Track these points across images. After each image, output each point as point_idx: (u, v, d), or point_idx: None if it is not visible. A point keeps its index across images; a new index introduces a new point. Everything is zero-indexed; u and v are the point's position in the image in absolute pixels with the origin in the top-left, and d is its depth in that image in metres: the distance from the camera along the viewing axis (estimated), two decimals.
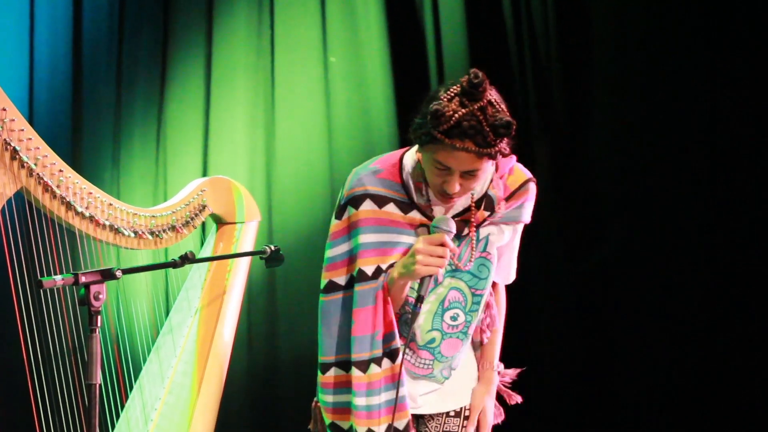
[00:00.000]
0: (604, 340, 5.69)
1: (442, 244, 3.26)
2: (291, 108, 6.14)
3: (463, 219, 3.43)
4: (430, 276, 3.28)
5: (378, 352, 3.33)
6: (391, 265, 3.37)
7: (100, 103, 6.16)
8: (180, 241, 4.50)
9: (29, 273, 3.85)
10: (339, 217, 3.44)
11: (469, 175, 3.23)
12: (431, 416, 3.56)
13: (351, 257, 3.41)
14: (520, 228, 3.58)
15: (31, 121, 5.80)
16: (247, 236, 4.74)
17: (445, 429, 3.57)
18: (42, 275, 3.81)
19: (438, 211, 3.40)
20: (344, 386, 3.40)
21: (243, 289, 4.71)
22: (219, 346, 4.50)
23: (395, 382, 3.34)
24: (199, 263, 4.68)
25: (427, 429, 3.56)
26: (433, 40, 5.99)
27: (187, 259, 3.83)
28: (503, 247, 3.54)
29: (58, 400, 4.05)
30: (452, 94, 3.18)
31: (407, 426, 3.37)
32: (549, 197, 5.66)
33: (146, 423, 4.37)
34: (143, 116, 6.17)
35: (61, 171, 3.98)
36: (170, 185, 6.04)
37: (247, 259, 4.73)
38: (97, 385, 3.31)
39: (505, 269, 3.62)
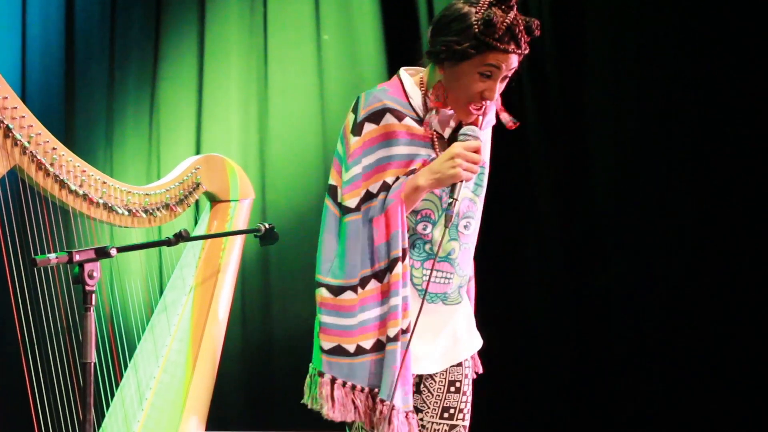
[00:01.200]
0: (601, 341, 5.71)
1: (476, 150, 3.33)
2: (284, 86, 6.13)
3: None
4: (462, 181, 3.32)
5: (396, 252, 3.35)
6: (410, 173, 3.39)
7: (93, 82, 6.15)
8: (174, 219, 4.49)
9: (23, 251, 3.84)
10: (359, 133, 3.44)
11: (507, 77, 3.35)
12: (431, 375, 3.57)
13: (379, 166, 3.41)
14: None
15: (24, 99, 5.78)
16: (241, 214, 4.74)
17: (450, 378, 3.57)
18: (36, 253, 3.81)
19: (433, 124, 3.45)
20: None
21: (237, 268, 4.71)
22: (213, 325, 4.50)
23: (386, 297, 3.35)
24: (193, 241, 4.68)
25: (431, 382, 3.56)
26: (426, 18, 5.98)
27: (181, 237, 3.83)
28: None
29: (53, 379, 4.06)
30: (486, 4, 3.30)
31: (396, 335, 3.36)
32: (547, 198, 5.70)
33: (141, 401, 4.38)
34: (136, 94, 6.16)
35: (54, 149, 3.97)
36: (163, 163, 6.03)
37: (241, 237, 4.73)
38: (92, 364, 3.31)
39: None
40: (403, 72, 3.51)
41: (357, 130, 3.44)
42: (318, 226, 3.51)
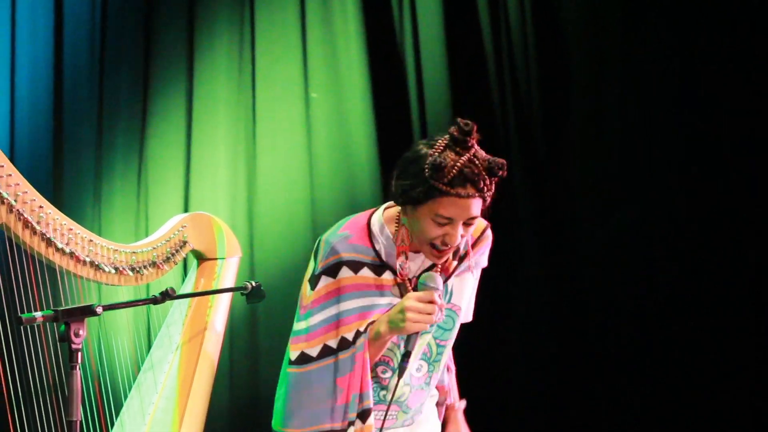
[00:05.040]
0: (584, 344, 5.73)
1: (431, 302, 3.27)
2: (272, 143, 6.15)
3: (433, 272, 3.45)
4: (418, 332, 3.29)
5: (353, 415, 3.34)
6: (369, 324, 3.37)
7: (81, 139, 6.15)
8: (161, 277, 4.49)
9: (9, 309, 3.83)
10: (314, 287, 3.42)
11: (470, 222, 3.27)
12: None
13: (330, 325, 3.38)
14: (478, 273, 3.60)
15: (12, 157, 5.80)
16: (228, 272, 4.74)
17: None
18: (22, 311, 3.80)
19: (410, 268, 3.41)
20: None
21: (224, 325, 4.70)
22: (200, 383, 4.48)
23: None
24: (180, 299, 4.67)
25: None
26: (414, 76, 6.02)
27: (167, 295, 3.82)
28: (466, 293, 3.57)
29: None
30: (442, 147, 3.21)
31: None
32: (526, 206, 5.72)
33: None
34: (124, 152, 6.17)
35: (41, 207, 3.97)
36: (152, 221, 6.03)
37: (228, 295, 4.73)
38: (78, 422, 3.30)
39: (465, 314, 3.62)
40: (378, 214, 3.45)
41: (313, 283, 3.42)
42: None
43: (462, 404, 3.73)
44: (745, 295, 5.47)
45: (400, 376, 3.32)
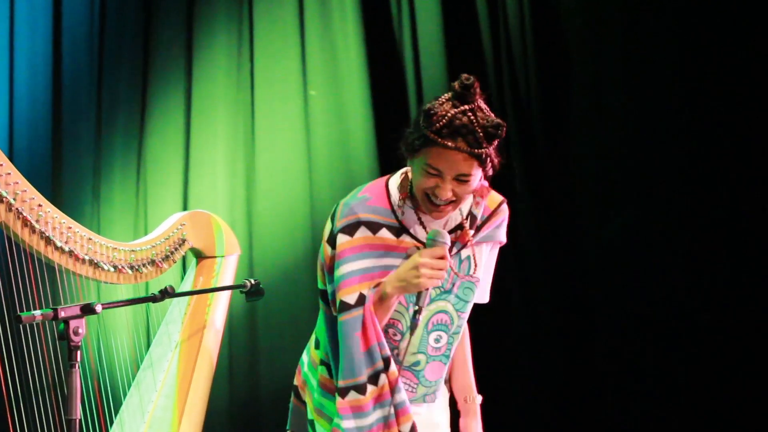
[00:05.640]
0: (585, 344, 5.72)
1: (442, 257, 3.29)
2: (271, 141, 6.14)
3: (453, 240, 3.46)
4: (427, 289, 3.30)
5: (379, 363, 3.34)
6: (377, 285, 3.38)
7: (80, 138, 6.15)
8: (160, 276, 4.49)
9: (8, 308, 3.84)
10: (333, 246, 3.42)
11: (461, 180, 3.27)
12: None
13: (353, 279, 3.38)
14: (496, 249, 3.62)
15: (11, 156, 5.80)
16: (227, 270, 4.74)
17: None
18: (21, 310, 3.80)
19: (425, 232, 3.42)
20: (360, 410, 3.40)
21: (223, 323, 4.70)
22: (199, 381, 4.49)
23: (383, 401, 3.34)
24: (179, 297, 4.67)
25: None
26: (412, 73, 6.01)
27: (166, 293, 3.83)
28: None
29: None
30: (444, 99, 3.26)
31: (413, 428, 3.36)
32: (526, 206, 5.72)
33: None
34: (123, 150, 6.17)
35: (40, 206, 3.98)
36: (151, 219, 6.03)
37: (227, 293, 4.73)
38: (77, 421, 3.30)
39: (481, 289, 3.63)
40: (395, 177, 3.48)
41: (332, 241, 3.42)
42: (305, 281, 3.53)
43: (479, 398, 3.72)
44: (746, 296, 5.46)
45: (412, 332, 3.35)
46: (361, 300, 3.35)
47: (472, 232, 3.46)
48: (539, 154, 5.83)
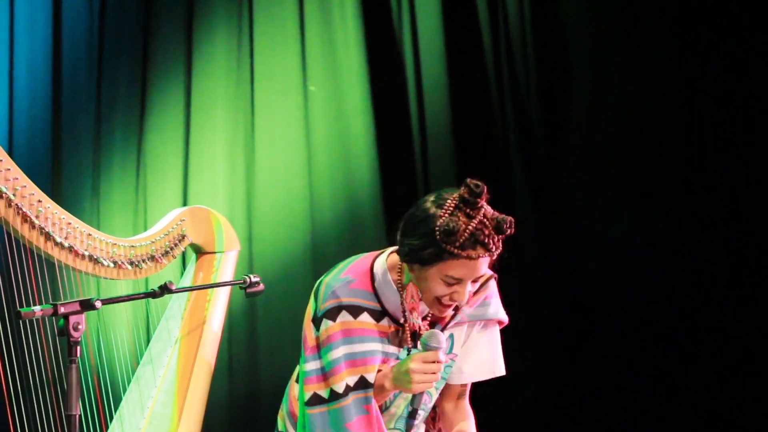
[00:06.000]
0: (585, 344, 5.74)
1: (435, 361, 3.32)
2: (271, 137, 6.14)
3: (430, 322, 3.49)
4: (423, 391, 3.37)
5: None
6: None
7: (80, 134, 6.15)
8: (159, 271, 4.49)
9: (8, 303, 3.83)
10: (318, 328, 3.44)
11: (477, 279, 3.32)
12: None
13: (335, 368, 3.40)
14: (492, 326, 3.60)
15: (10, 152, 5.79)
16: (226, 266, 4.74)
17: None
18: (21, 306, 3.80)
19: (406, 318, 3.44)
20: None
21: (223, 319, 4.70)
22: (199, 376, 4.49)
23: None
24: (179, 293, 4.67)
25: None
26: (412, 70, 6.01)
27: (166, 289, 3.82)
28: (470, 346, 3.58)
29: (38, 431, 4.04)
30: (452, 208, 3.23)
31: None
32: (525, 207, 5.72)
33: None
34: (123, 146, 6.17)
35: (39, 201, 3.97)
36: (150, 215, 6.03)
37: (226, 289, 4.72)
38: (77, 416, 3.30)
39: (488, 364, 3.62)
40: (381, 260, 3.47)
41: (316, 323, 3.44)
42: (305, 277, 3.54)
43: None
44: (746, 296, 5.46)
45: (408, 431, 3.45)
46: (347, 390, 3.37)
47: (451, 313, 3.46)
48: (539, 154, 5.83)
